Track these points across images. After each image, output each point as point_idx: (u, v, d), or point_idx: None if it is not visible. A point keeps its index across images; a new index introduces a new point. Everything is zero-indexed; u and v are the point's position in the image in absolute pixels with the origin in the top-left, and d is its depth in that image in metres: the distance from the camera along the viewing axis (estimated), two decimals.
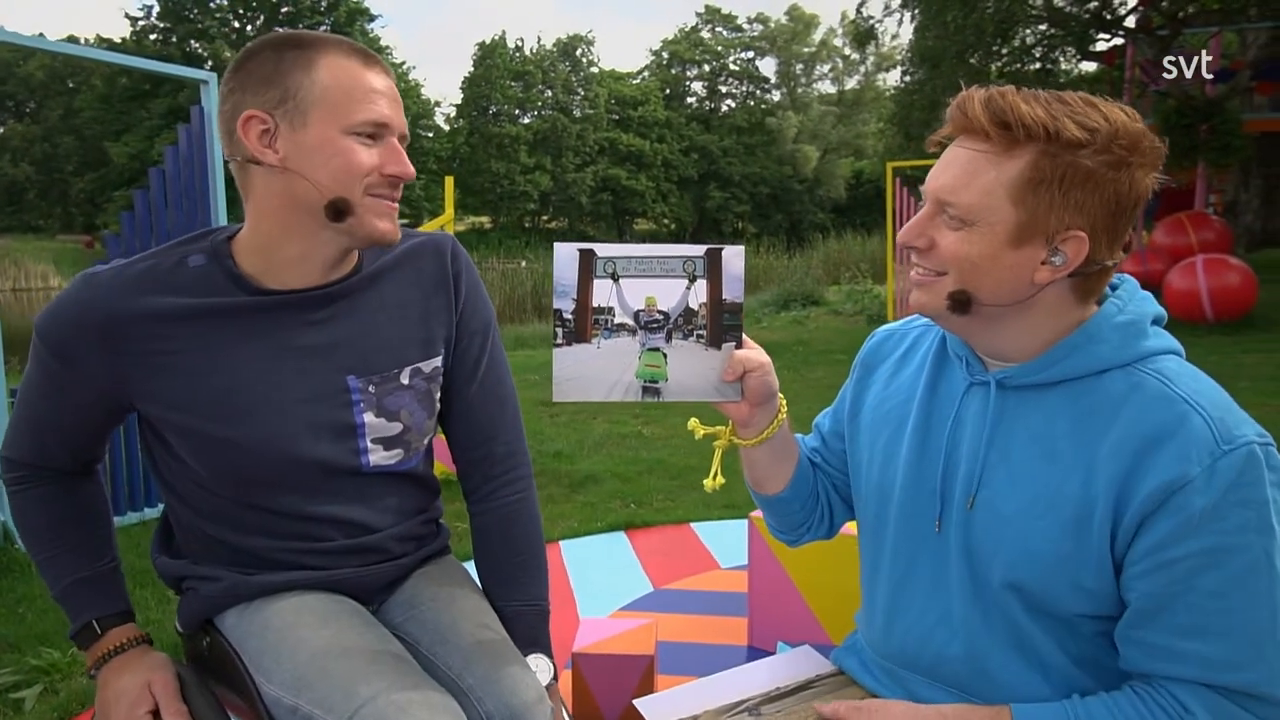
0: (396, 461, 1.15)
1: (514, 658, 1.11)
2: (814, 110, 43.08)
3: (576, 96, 40.52)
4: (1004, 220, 0.85)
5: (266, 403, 1.06)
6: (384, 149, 1.03)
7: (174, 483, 1.12)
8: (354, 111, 1.01)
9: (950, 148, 0.90)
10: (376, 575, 1.16)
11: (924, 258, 0.91)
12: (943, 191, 0.88)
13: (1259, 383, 5.82)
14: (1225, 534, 0.80)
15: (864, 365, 1.14)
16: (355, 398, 1.10)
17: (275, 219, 1.04)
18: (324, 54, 1.01)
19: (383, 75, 1.05)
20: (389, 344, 1.13)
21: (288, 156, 1.00)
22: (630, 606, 2.60)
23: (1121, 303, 0.91)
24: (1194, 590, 0.82)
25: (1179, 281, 8.07)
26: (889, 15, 14.16)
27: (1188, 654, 0.83)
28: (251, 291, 1.06)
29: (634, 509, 3.70)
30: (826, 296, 12.24)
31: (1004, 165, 0.84)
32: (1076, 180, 0.83)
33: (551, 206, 39.65)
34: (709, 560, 3.04)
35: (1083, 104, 0.84)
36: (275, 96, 1.00)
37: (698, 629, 2.43)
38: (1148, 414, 0.83)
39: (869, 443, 1.07)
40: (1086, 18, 11.63)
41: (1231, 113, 9.73)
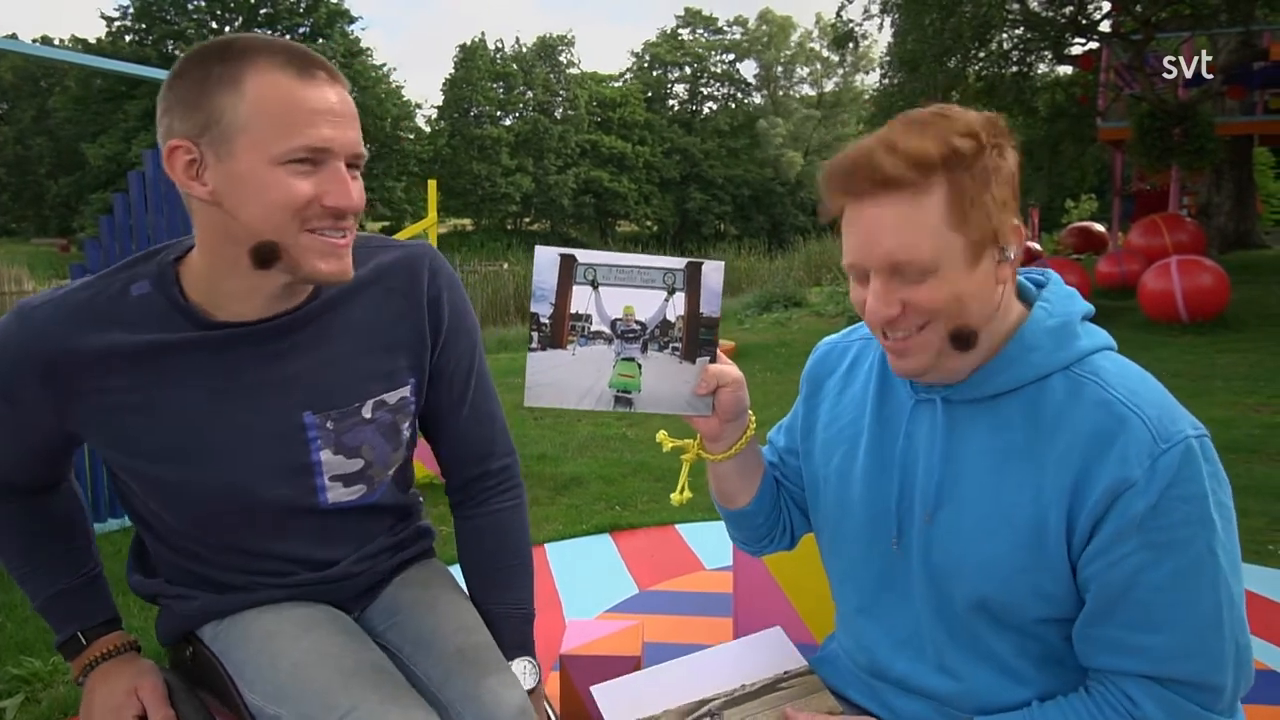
0: (358, 497, 1.09)
1: (496, 667, 1.08)
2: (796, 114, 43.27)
3: (558, 98, 40.46)
4: (958, 250, 0.86)
5: (218, 445, 1.00)
6: (324, 176, 0.91)
7: (140, 512, 1.09)
8: (286, 136, 0.88)
9: (859, 216, 0.88)
10: (349, 586, 1.14)
11: (898, 323, 0.89)
12: (893, 256, 0.86)
13: (1232, 382, 5.93)
14: (1168, 530, 0.83)
15: (811, 381, 1.13)
16: (312, 434, 1.03)
17: (214, 253, 0.96)
18: (252, 69, 0.88)
19: (326, 87, 0.91)
20: (350, 376, 1.05)
21: (216, 189, 0.90)
22: (616, 608, 2.61)
23: (1050, 305, 0.93)
24: (1141, 586, 0.84)
25: (1154, 283, 8.19)
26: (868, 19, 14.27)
27: (1135, 648, 0.85)
28: (199, 325, 0.98)
29: (619, 511, 3.70)
30: (808, 298, 12.29)
31: (926, 204, 0.85)
32: (990, 182, 0.86)
33: (533, 209, 39.55)
34: (694, 561, 3.05)
35: (941, 118, 0.87)
36: (200, 122, 0.89)
37: (684, 629, 2.45)
38: (1089, 420, 0.86)
39: (824, 462, 1.07)
40: (1062, 22, 11.78)
41: (1204, 116, 9.88)
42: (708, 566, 2.99)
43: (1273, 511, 3.41)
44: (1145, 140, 9.81)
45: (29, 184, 35.88)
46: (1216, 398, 5.45)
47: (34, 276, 26.04)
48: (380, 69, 36.73)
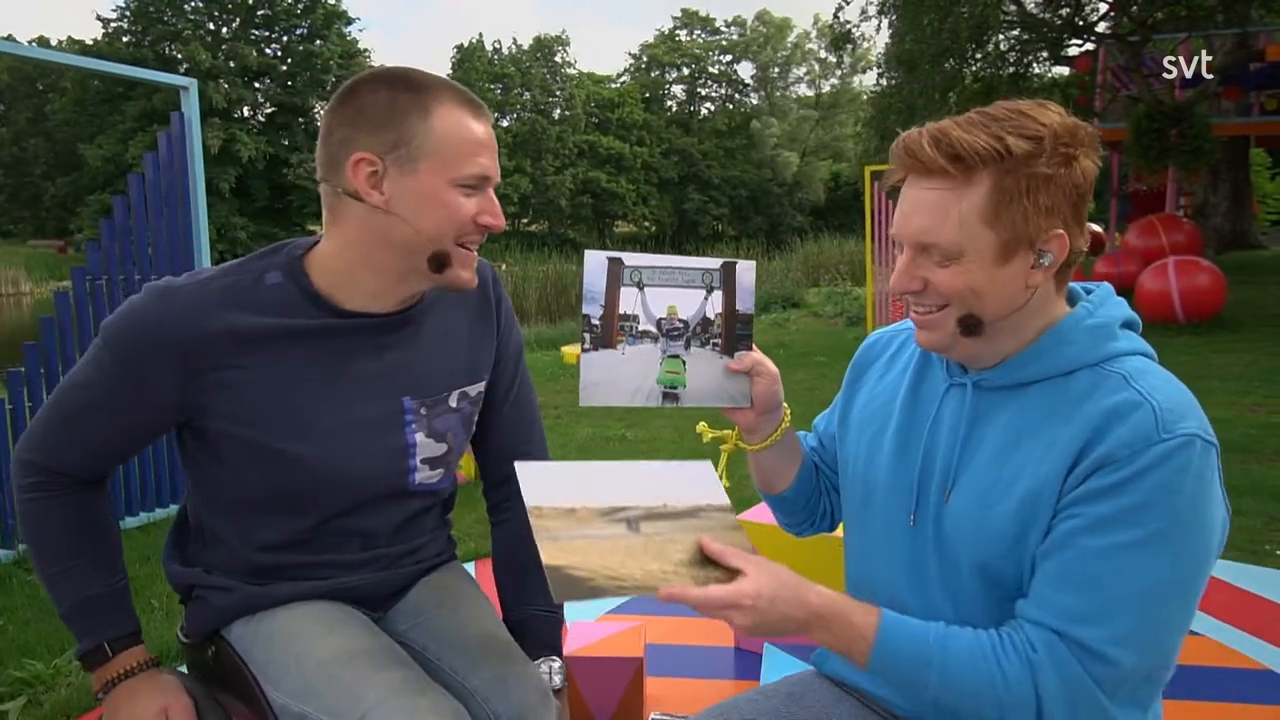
0: (437, 480, 1.18)
1: (519, 658, 1.14)
2: (793, 114, 43.30)
3: (555, 99, 40.48)
4: (987, 245, 0.88)
5: (330, 421, 1.07)
6: (484, 198, 1.05)
7: (212, 492, 1.12)
8: (464, 164, 1.02)
9: (909, 190, 0.92)
10: (381, 583, 1.18)
11: (921, 298, 0.94)
12: (920, 236, 0.90)
13: (1228, 382, 5.95)
14: (1129, 507, 0.84)
15: (855, 368, 1.18)
16: (409, 418, 1.13)
17: (362, 251, 1.06)
18: (439, 102, 1.02)
19: (487, 125, 1.06)
20: (440, 369, 1.16)
21: (392, 199, 1.02)
22: (618, 610, 2.62)
23: (1092, 306, 0.95)
24: (1079, 547, 0.85)
25: (1151, 283, 8.22)
26: (865, 20, 14.29)
27: (1053, 602, 0.86)
28: (329, 312, 1.07)
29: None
30: (806, 299, 12.32)
31: (968, 195, 0.88)
32: (1039, 187, 0.87)
33: (531, 209, 39.58)
34: None
35: (1015, 114, 0.89)
36: (389, 141, 1.01)
37: (685, 631, 2.45)
38: (1104, 404, 0.88)
39: (855, 440, 1.11)
40: (1059, 24, 11.81)
41: (1200, 117, 9.92)
42: None
43: (1269, 511, 3.43)
44: (1142, 141, 9.85)
45: (26, 185, 35.83)
46: (1213, 398, 5.47)
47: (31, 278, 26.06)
48: None
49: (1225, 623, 2.43)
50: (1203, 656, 2.24)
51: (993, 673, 0.86)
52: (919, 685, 0.89)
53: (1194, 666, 2.18)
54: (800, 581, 0.90)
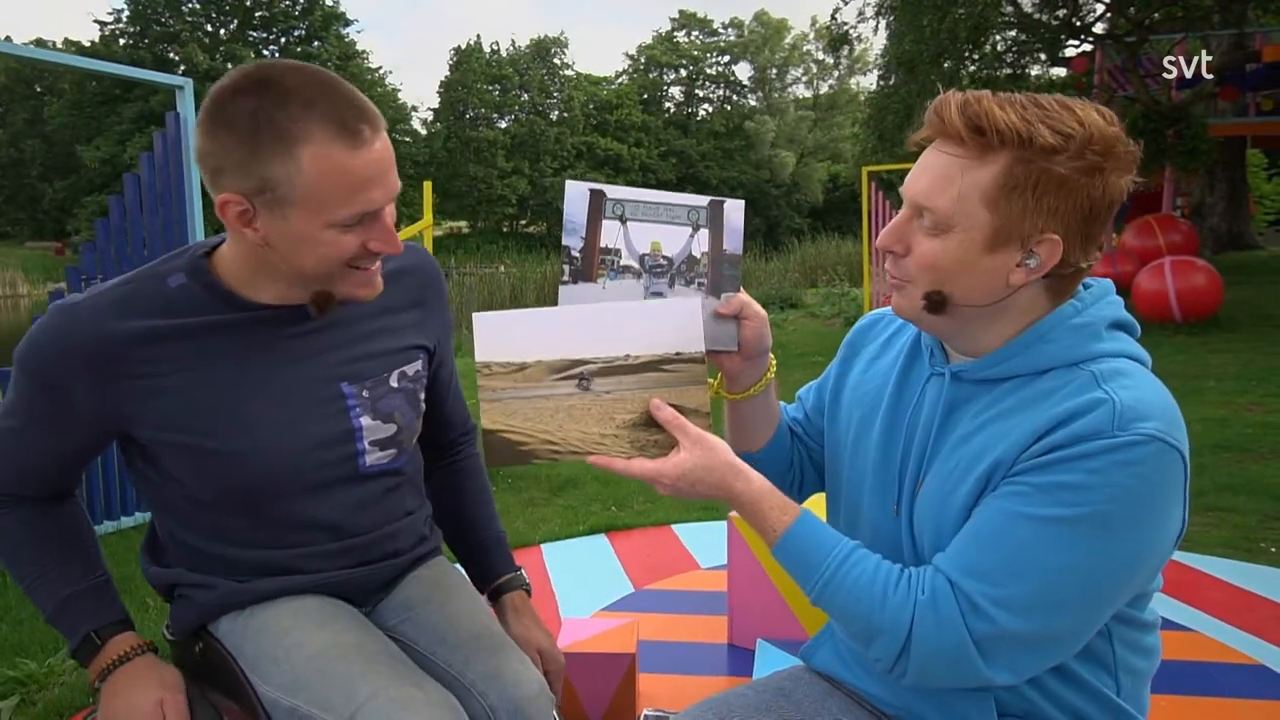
0: (390, 460, 1.16)
1: (513, 651, 1.15)
2: (790, 115, 43.32)
3: (553, 100, 40.46)
4: (979, 225, 0.87)
5: (266, 414, 1.06)
6: (371, 228, 0.99)
7: (167, 501, 1.11)
8: (340, 207, 0.95)
9: (927, 151, 0.90)
10: (370, 576, 1.18)
11: (899, 264, 0.93)
12: (919, 196, 0.89)
13: (1224, 381, 5.95)
14: (1062, 484, 0.83)
15: (849, 346, 1.17)
16: (351, 403, 1.11)
17: (257, 264, 1.04)
18: (306, 139, 0.91)
19: (374, 144, 0.95)
20: (375, 351, 1.14)
21: (269, 237, 0.98)
22: (611, 607, 2.62)
23: (1081, 305, 0.93)
24: (1000, 509, 0.85)
25: (1148, 283, 8.22)
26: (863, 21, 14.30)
27: (959, 552, 0.87)
28: (238, 306, 1.06)
29: (614, 512, 3.70)
30: (804, 299, 12.30)
31: (978, 171, 0.86)
32: (1050, 186, 0.85)
33: (529, 210, 39.55)
34: (689, 561, 3.06)
35: (1059, 108, 0.86)
36: (254, 185, 0.94)
37: (678, 628, 2.45)
38: (1067, 402, 0.86)
39: (845, 422, 1.10)
40: (1055, 25, 11.82)
41: (1197, 117, 9.93)
42: (703, 565, 2.99)
43: (1265, 509, 3.43)
44: (1138, 141, 9.85)
45: (23, 187, 35.78)
46: (1209, 397, 5.47)
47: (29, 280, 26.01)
48: (376, 72, 36.73)
49: (1220, 619, 2.43)
50: (1196, 652, 2.24)
51: (875, 602, 0.87)
52: (805, 587, 0.92)
53: (1188, 662, 2.18)
54: (730, 467, 0.93)
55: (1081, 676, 0.94)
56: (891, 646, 0.87)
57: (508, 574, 1.35)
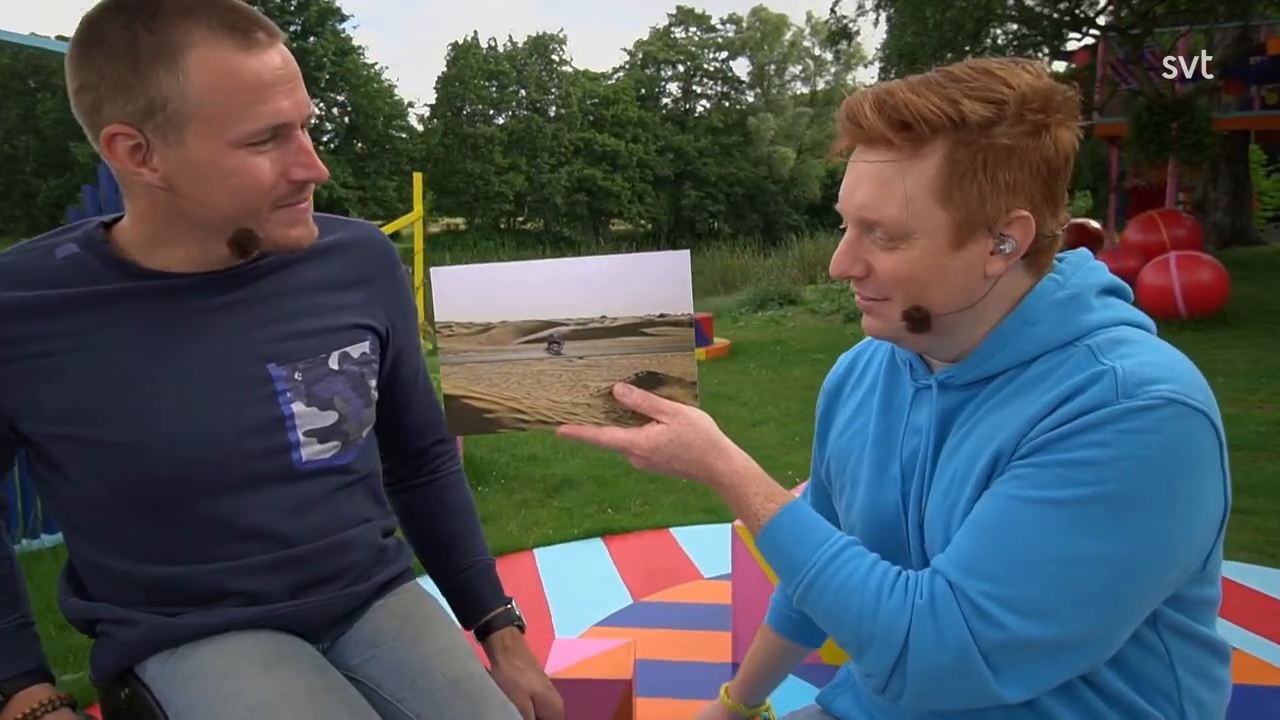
0: (333, 455, 1.01)
1: (495, 700, 1.00)
2: (789, 111, 43.29)
3: (551, 96, 40.36)
4: (938, 225, 0.78)
5: (173, 398, 0.91)
6: (286, 149, 0.87)
7: (70, 512, 0.97)
8: (243, 119, 0.83)
9: (853, 162, 0.82)
10: (327, 606, 1.02)
11: (865, 285, 0.84)
12: (862, 211, 0.80)
13: (1233, 379, 5.84)
14: (1069, 461, 0.73)
15: (828, 395, 1.06)
16: (280, 387, 0.96)
17: (158, 225, 0.90)
18: (188, 43, 0.80)
19: (271, 49, 0.84)
20: (309, 329, 0.99)
21: (170, 174, 0.85)
22: (607, 621, 2.49)
23: (1063, 277, 0.83)
24: (1001, 495, 0.76)
25: (1153, 278, 8.13)
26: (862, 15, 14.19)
27: (959, 549, 0.77)
28: (136, 275, 0.91)
29: (611, 514, 3.62)
30: (803, 296, 12.23)
31: (916, 168, 0.77)
32: (999, 161, 0.76)
33: (527, 207, 39.44)
34: (690, 569, 2.94)
35: (979, 74, 0.77)
36: (140, 108, 0.81)
37: (679, 645, 2.32)
38: (1065, 380, 0.76)
39: (837, 477, 1.00)
40: (1057, 17, 11.72)
41: (1202, 111, 9.83)
42: (705, 575, 2.87)
43: None
44: (1142, 135, 9.75)
45: (17, 184, 35.60)
46: (1219, 394, 5.22)
47: None
48: (372, 68, 36.59)
49: (1240, 626, 2.31)
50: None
51: (866, 606, 0.77)
52: (789, 586, 0.83)
53: None
54: (710, 444, 0.83)
55: (1140, 709, 0.80)
56: (885, 658, 0.75)
57: (497, 608, 1.20)
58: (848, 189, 0.82)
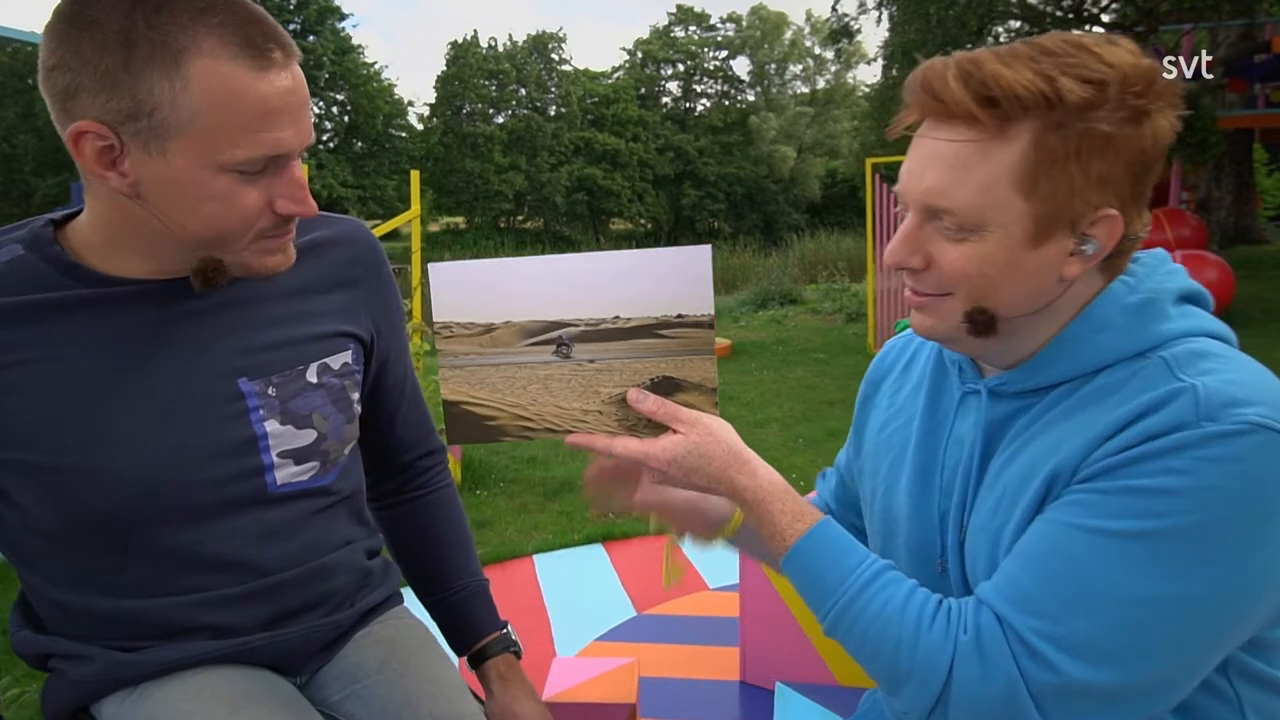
0: (310, 477, 0.92)
1: None
2: (789, 110, 43.24)
3: (550, 95, 40.30)
4: (1015, 218, 0.69)
5: (131, 418, 0.83)
6: (277, 180, 0.79)
7: (19, 541, 0.88)
8: (238, 144, 0.75)
9: (923, 139, 0.73)
10: (304, 638, 0.93)
11: (921, 278, 0.75)
12: (931, 196, 0.71)
13: None
14: (1139, 489, 0.65)
15: (869, 383, 0.98)
16: (252, 403, 0.88)
17: (118, 230, 0.82)
18: (195, 53, 0.72)
19: (282, 71, 0.76)
20: (286, 339, 0.91)
21: (142, 185, 0.76)
22: (609, 635, 2.40)
23: (1135, 280, 0.74)
24: (1060, 522, 0.68)
25: None
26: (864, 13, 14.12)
27: (1009, 578, 0.69)
28: (89, 281, 0.82)
29: (612, 519, 3.54)
30: (804, 295, 12.17)
31: (1000, 151, 0.69)
32: (1095, 150, 0.67)
33: (527, 206, 39.37)
34: (695, 579, 2.85)
35: (1075, 49, 0.68)
36: (124, 109, 0.72)
37: (684, 662, 2.24)
38: (1138, 395, 0.68)
39: (872, 474, 0.92)
40: (1060, 14, 11.65)
41: (1206, 110, 9.76)
42: (711, 586, 2.78)
43: None
44: None
45: (16, 183, 35.53)
46: None
47: None
48: (371, 66, 36.54)
49: None
50: None
51: (904, 638, 0.70)
52: (818, 613, 0.76)
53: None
54: (734, 459, 0.75)
55: None
56: (923, 696, 0.68)
57: (492, 633, 1.12)
58: (914, 170, 0.73)
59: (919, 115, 0.73)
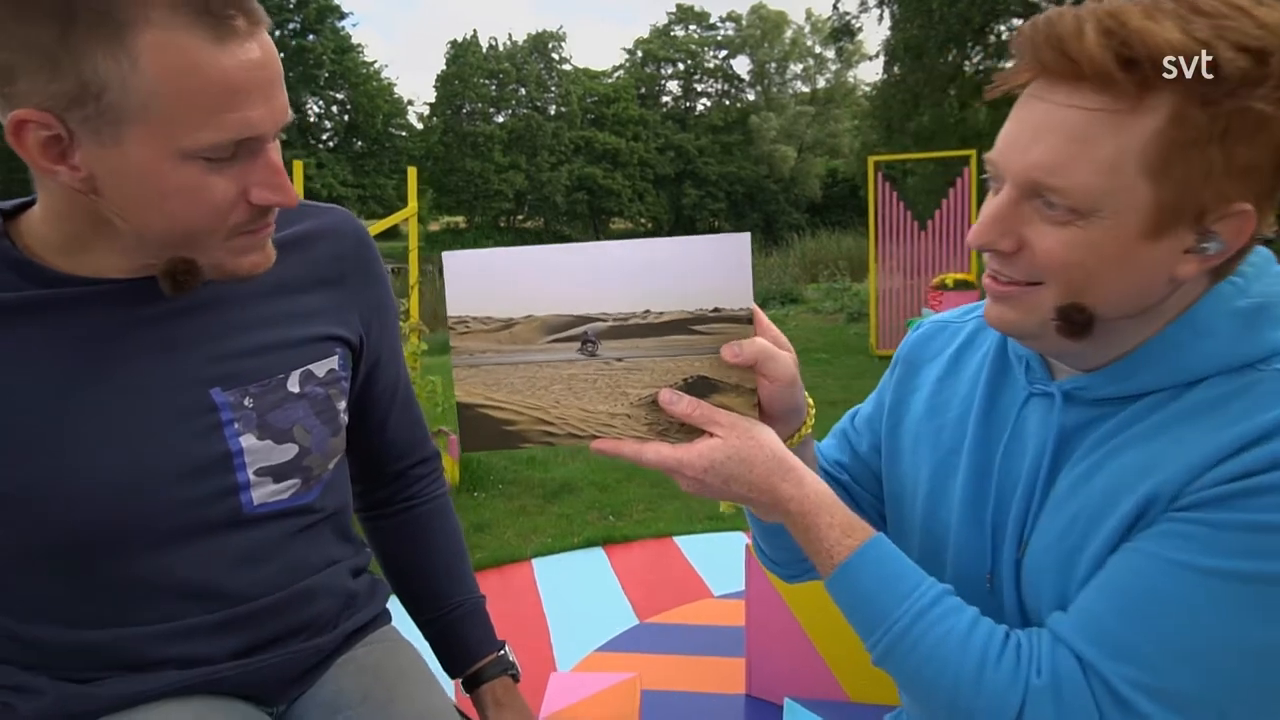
0: (291, 495, 0.84)
1: None
2: (789, 110, 43.22)
3: (550, 95, 40.29)
4: (1135, 205, 0.60)
5: (92, 434, 0.75)
6: (250, 166, 0.70)
7: None
8: (201, 126, 0.66)
9: (1034, 101, 0.62)
10: (281, 665, 0.85)
11: (1009, 262, 0.66)
12: (1039, 172, 0.61)
13: None
14: (1246, 527, 0.57)
15: (907, 363, 0.88)
16: (226, 416, 0.79)
17: (77, 227, 0.73)
18: (143, 25, 0.62)
19: (248, 41, 0.67)
20: (265, 343, 0.82)
21: (97, 178, 0.68)
22: (610, 646, 2.32)
23: (1243, 281, 0.65)
24: (1157, 556, 0.60)
25: None
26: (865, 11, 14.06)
27: (1092, 616, 0.62)
28: (47, 281, 0.74)
29: (613, 521, 3.51)
30: (805, 295, 12.13)
31: (1133, 124, 0.58)
32: (1244, 133, 0.57)
33: (527, 206, 39.34)
34: (698, 585, 2.77)
35: (1229, 9, 0.58)
36: (66, 93, 0.63)
37: (688, 674, 2.16)
38: (1255, 414, 0.59)
39: (912, 467, 0.83)
40: None
41: None
42: (715, 593, 2.70)
43: None
44: None
45: (16, 180, 35.57)
46: None
47: None
48: (371, 65, 36.50)
49: None
50: None
51: (966, 674, 0.63)
52: (867, 641, 0.68)
53: None
54: (778, 465, 0.68)
55: None
56: None
57: (489, 655, 1.04)
58: (1019, 138, 0.63)
59: (1035, 73, 0.63)
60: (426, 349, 4.15)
